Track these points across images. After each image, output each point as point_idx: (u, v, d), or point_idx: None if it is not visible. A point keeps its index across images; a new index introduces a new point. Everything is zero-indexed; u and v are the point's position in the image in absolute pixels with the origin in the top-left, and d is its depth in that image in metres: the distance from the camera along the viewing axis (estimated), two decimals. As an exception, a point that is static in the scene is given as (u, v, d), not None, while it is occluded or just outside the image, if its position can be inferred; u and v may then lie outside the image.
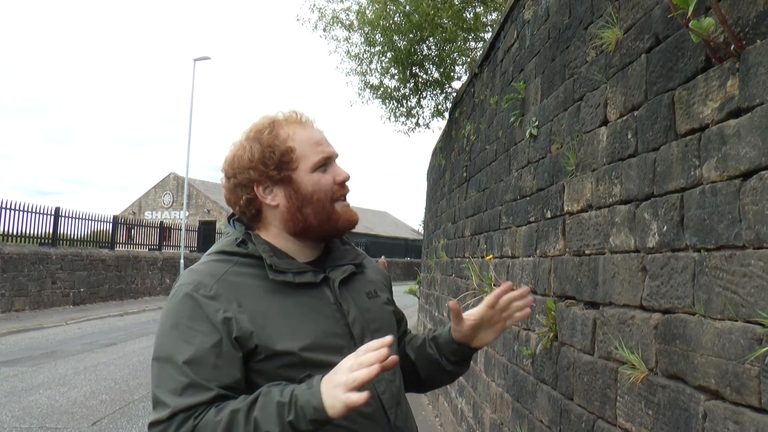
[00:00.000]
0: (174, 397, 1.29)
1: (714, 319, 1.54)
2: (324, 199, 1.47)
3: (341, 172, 1.52)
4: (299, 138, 1.48)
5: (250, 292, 1.39)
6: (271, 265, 1.41)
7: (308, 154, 1.48)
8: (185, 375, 1.30)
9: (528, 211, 3.44)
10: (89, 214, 19.14)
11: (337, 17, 12.26)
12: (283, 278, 1.41)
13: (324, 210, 1.47)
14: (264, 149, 1.46)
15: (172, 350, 1.33)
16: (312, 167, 1.48)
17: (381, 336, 1.47)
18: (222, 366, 1.31)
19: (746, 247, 1.43)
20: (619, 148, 2.22)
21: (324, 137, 1.54)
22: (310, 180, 1.47)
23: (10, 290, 14.98)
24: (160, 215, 39.43)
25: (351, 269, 1.53)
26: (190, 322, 1.34)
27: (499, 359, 3.98)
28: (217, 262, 1.45)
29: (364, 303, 1.52)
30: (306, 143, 1.49)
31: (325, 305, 1.44)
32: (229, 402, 1.29)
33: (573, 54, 2.86)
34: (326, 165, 1.50)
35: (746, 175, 1.45)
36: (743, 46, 1.48)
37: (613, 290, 2.18)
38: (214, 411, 1.27)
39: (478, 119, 5.52)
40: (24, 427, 6.00)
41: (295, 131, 1.49)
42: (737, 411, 1.41)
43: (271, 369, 1.35)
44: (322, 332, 1.40)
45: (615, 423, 2.09)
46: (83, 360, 9.52)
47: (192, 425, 1.26)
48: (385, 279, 1.71)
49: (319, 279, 1.46)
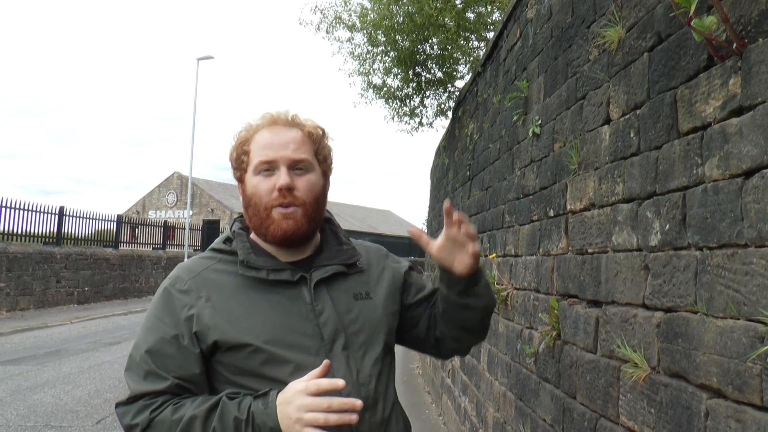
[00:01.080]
0: (135, 383, 1.39)
1: (716, 317, 1.54)
2: (259, 204, 1.47)
3: (282, 178, 1.45)
4: (257, 140, 1.50)
5: (223, 287, 1.44)
6: (243, 260, 1.46)
7: (255, 156, 1.49)
8: (146, 363, 1.39)
9: (531, 210, 3.45)
10: (93, 213, 19.20)
11: (339, 18, 12.25)
12: (254, 274, 1.44)
13: (258, 215, 1.47)
14: (234, 148, 1.53)
15: (141, 338, 1.43)
16: (254, 170, 1.49)
17: (361, 338, 1.48)
18: (179, 358, 1.39)
19: (748, 246, 1.43)
20: (622, 146, 2.22)
21: (281, 141, 1.48)
22: (251, 183, 1.49)
23: (14, 289, 15.03)
24: (164, 214, 39.50)
25: (335, 269, 1.51)
26: (159, 314, 1.44)
27: (502, 358, 3.98)
28: (203, 258, 1.53)
29: (346, 304, 1.49)
30: (258, 144, 1.49)
31: (299, 304, 1.44)
32: (186, 401, 1.36)
33: (575, 53, 2.86)
34: (270, 169, 1.47)
35: (748, 174, 1.45)
36: (745, 44, 1.48)
37: (616, 289, 2.19)
38: (171, 409, 1.34)
39: (481, 118, 5.52)
40: (29, 426, 6.02)
41: (258, 133, 1.51)
42: (739, 409, 1.41)
43: (234, 361, 1.39)
44: (288, 329, 1.41)
45: (617, 421, 2.10)
46: (87, 359, 9.55)
47: (148, 418, 1.34)
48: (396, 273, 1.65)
49: (295, 278, 1.46)
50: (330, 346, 1.42)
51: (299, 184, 1.47)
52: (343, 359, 1.43)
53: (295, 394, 1.30)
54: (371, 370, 1.47)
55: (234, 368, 1.40)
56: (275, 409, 1.30)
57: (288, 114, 1.54)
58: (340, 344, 1.44)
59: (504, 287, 3.92)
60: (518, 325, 3.56)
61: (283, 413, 1.29)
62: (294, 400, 1.29)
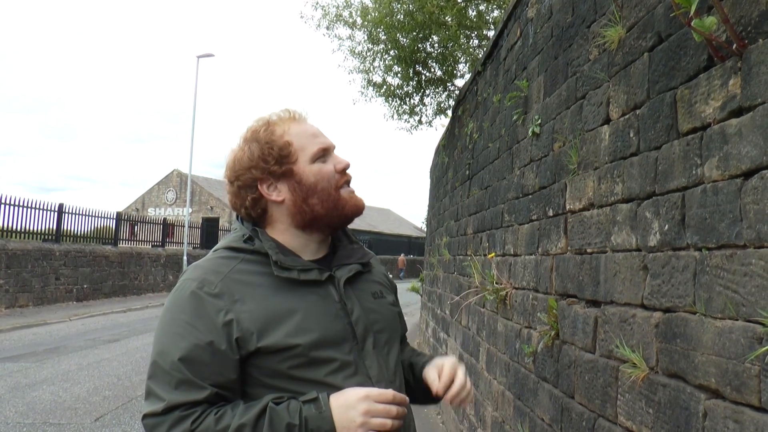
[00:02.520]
0: (168, 392, 1.30)
1: (714, 318, 1.54)
2: (328, 188, 1.48)
3: (341, 160, 1.53)
4: (295, 132, 1.50)
5: (256, 289, 1.39)
6: (277, 261, 1.41)
7: (306, 146, 1.49)
8: (180, 371, 1.30)
9: (530, 209, 3.45)
10: (93, 210, 19.21)
11: (340, 15, 12.25)
12: (288, 275, 1.41)
13: (330, 198, 1.48)
14: (262, 146, 1.47)
15: (170, 344, 1.34)
16: (311, 158, 1.49)
17: (384, 337, 1.51)
18: (216, 365, 1.32)
19: (747, 247, 1.43)
20: (621, 146, 2.22)
21: (319, 130, 1.56)
22: (311, 170, 1.48)
23: (13, 286, 15.03)
24: (164, 212, 39.49)
25: (357, 268, 1.53)
26: (190, 319, 1.35)
27: (500, 357, 3.98)
28: (223, 258, 1.45)
29: (368, 303, 1.52)
30: (302, 136, 1.51)
31: (329, 303, 1.44)
32: (227, 409, 1.30)
33: (576, 52, 2.86)
34: (325, 156, 1.52)
35: (747, 175, 1.45)
36: (745, 45, 1.48)
37: (615, 289, 2.19)
38: (213, 419, 1.28)
39: (480, 117, 5.52)
40: (27, 423, 6.02)
41: (290, 127, 1.51)
42: (737, 410, 1.41)
43: (273, 364, 1.35)
44: (326, 330, 1.40)
45: (616, 421, 2.10)
46: (86, 356, 9.55)
47: (189, 429, 1.27)
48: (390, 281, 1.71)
49: (324, 277, 1.45)
50: (362, 345, 1.44)
51: None
52: (374, 357, 1.45)
53: (362, 399, 1.31)
54: (395, 368, 1.51)
55: (270, 371, 1.35)
56: (330, 413, 1.29)
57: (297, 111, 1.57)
58: (371, 342, 1.46)
59: (503, 286, 3.92)
60: (517, 325, 3.56)
61: (344, 417, 1.29)
62: (359, 405, 1.30)
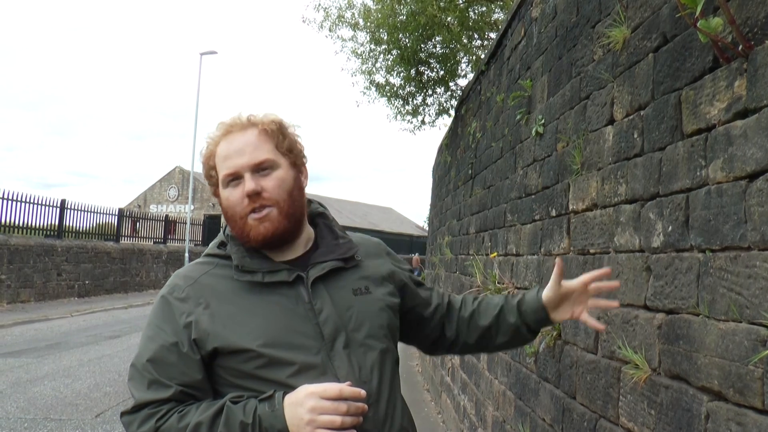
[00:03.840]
0: (140, 391, 1.39)
1: (718, 320, 1.54)
2: (234, 215, 1.46)
3: (247, 185, 1.44)
4: (219, 153, 1.49)
5: (221, 293, 1.44)
6: (238, 265, 1.45)
7: (221, 170, 1.48)
8: (148, 371, 1.39)
9: (533, 209, 3.44)
10: (95, 206, 19.23)
11: (342, 17, 12.25)
12: (250, 278, 1.44)
13: (236, 225, 1.47)
14: (204, 164, 1.53)
15: (142, 348, 1.44)
16: (223, 183, 1.48)
17: (361, 335, 1.46)
18: (181, 366, 1.39)
19: (751, 249, 1.43)
20: (625, 147, 2.21)
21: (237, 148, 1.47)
22: (224, 195, 1.49)
23: (15, 281, 15.05)
24: (166, 209, 39.52)
25: (332, 265, 1.50)
26: (159, 322, 1.44)
27: (502, 357, 3.98)
28: (200, 264, 1.53)
29: (345, 301, 1.48)
30: (221, 158, 1.48)
31: (298, 304, 1.43)
32: (191, 408, 1.36)
33: (580, 52, 2.85)
34: (238, 179, 1.46)
35: (752, 176, 1.44)
36: (751, 46, 1.47)
37: (617, 290, 2.18)
38: (176, 417, 1.35)
39: (484, 116, 5.52)
40: (28, 418, 6.03)
41: (217, 146, 1.50)
42: (740, 412, 1.41)
43: (234, 365, 1.39)
44: (288, 330, 1.40)
45: (617, 422, 2.09)
46: (88, 352, 9.56)
47: (154, 426, 1.35)
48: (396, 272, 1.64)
49: (292, 278, 1.45)
50: (331, 345, 1.42)
51: (267, 185, 1.44)
52: (345, 357, 1.42)
53: (309, 396, 1.31)
54: (373, 367, 1.45)
55: (235, 372, 1.39)
56: (283, 411, 1.31)
57: (241, 116, 1.51)
58: (341, 342, 1.43)
59: (505, 286, 3.91)
60: (519, 325, 3.55)
61: (293, 414, 1.30)
62: (306, 402, 1.30)
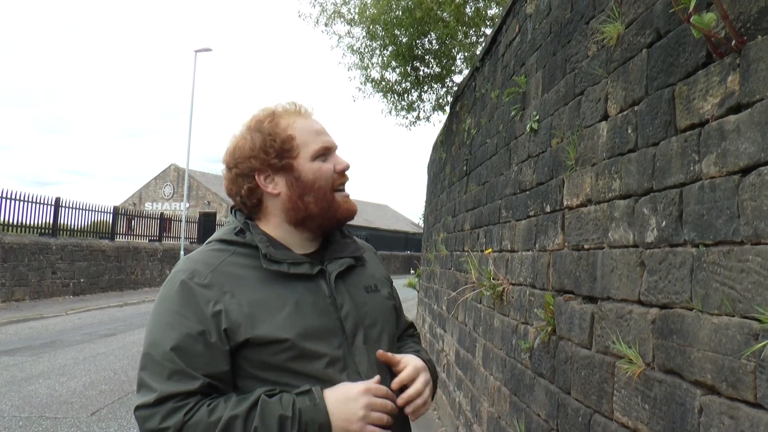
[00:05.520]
0: (160, 383, 1.29)
1: (711, 314, 1.54)
2: (325, 187, 1.48)
3: (341, 161, 1.53)
4: (299, 127, 1.49)
5: (245, 281, 1.40)
6: (266, 254, 1.42)
7: (309, 143, 1.49)
8: (172, 361, 1.30)
9: (527, 205, 3.45)
10: (90, 204, 19.15)
11: (338, 12, 12.23)
12: (277, 268, 1.41)
13: (325, 198, 1.48)
14: (265, 137, 1.46)
15: (161, 335, 1.34)
16: (313, 155, 1.48)
17: (375, 332, 1.49)
18: (209, 356, 1.32)
19: (744, 243, 1.43)
20: (619, 142, 2.22)
21: (323, 127, 1.55)
22: (311, 168, 1.47)
23: (10, 280, 15.00)
24: (161, 206, 39.45)
25: (349, 262, 1.52)
26: (180, 309, 1.35)
27: (497, 353, 3.99)
28: (215, 251, 1.46)
29: (360, 297, 1.51)
30: (306, 132, 1.50)
31: (319, 298, 1.44)
32: (220, 401, 1.30)
33: (574, 48, 2.85)
34: (326, 154, 1.51)
35: (745, 171, 1.45)
36: (744, 41, 1.48)
37: (612, 285, 2.19)
38: (206, 410, 1.27)
39: (478, 113, 5.52)
40: (23, 417, 6.02)
41: (295, 121, 1.50)
42: (733, 406, 1.42)
43: (263, 356, 1.35)
44: (314, 324, 1.39)
45: (612, 417, 2.10)
46: (83, 350, 9.54)
47: (181, 421, 1.26)
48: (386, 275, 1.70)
49: (315, 271, 1.45)
50: (352, 340, 1.43)
51: None
52: (365, 353, 1.44)
53: (362, 393, 1.33)
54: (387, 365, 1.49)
55: (261, 363, 1.35)
56: (325, 405, 1.30)
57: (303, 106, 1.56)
58: (361, 338, 1.45)
59: (500, 282, 3.92)
60: (513, 321, 3.56)
61: (345, 409, 1.31)
62: (360, 399, 1.32)
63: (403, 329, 1.76)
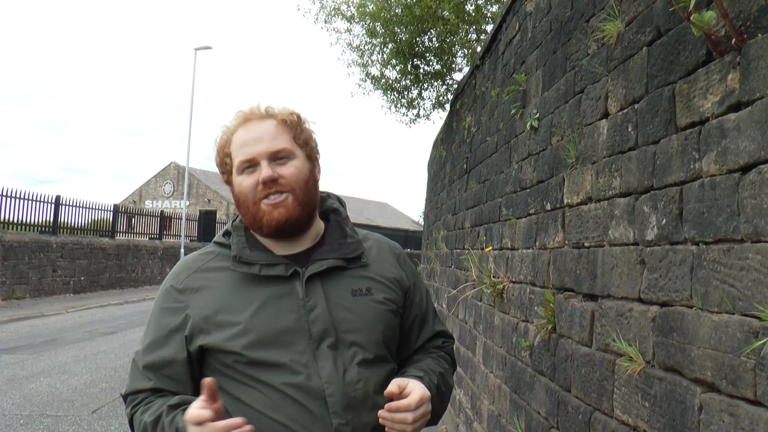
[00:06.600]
0: (129, 379, 1.50)
1: (711, 312, 1.55)
2: (247, 201, 1.47)
3: (264, 171, 1.44)
4: (235, 140, 1.50)
5: (216, 286, 1.46)
6: (236, 256, 1.46)
7: (236, 157, 1.49)
8: (140, 361, 1.48)
9: (528, 203, 3.45)
10: (90, 202, 19.16)
11: (338, 8, 12.22)
12: (247, 270, 1.44)
13: (248, 211, 1.48)
14: (217, 151, 1.55)
15: (143, 336, 1.52)
16: (237, 170, 1.49)
17: (352, 337, 1.43)
18: (169, 359, 1.45)
19: (744, 241, 1.43)
20: (620, 140, 2.22)
21: (255, 136, 1.47)
22: (237, 182, 1.50)
23: (10, 278, 15.01)
24: (161, 204, 39.43)
25: (331, 264, 1.48)
26: (157, 312, 1.50)
27: (497, 351, 3.99)
28: (204, 253, 1.55)
29: (342, 300, 1.46)
30: (238, 146, 1.49)
31: (291, 300, 1.43)
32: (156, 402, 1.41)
33: (574, 46, 2.85)
34: (252, 166, 1.47)
35: (745, 169, 1.45)
36: (744, 39, 1.48)
37: (612, 283, 2.19)
38: (142, 409, 1.43)
39: (479, 111, 5.52)
40: (24, 415, 6.03)
41: (234, 134, 1.51)
42: (732, 403, 1.42)
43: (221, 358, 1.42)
44: (275, 327, 1.40)
45: (612, 415, 2.11)
46: (83, 348, 9.55)
47: (130, 413, 1.46)
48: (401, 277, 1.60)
49: (288, 273, 1.44)
50: (317, 344, 1.40)
51: (284, 172, 1.46)
52: (329, 358, 1.40)
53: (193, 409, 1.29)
54: (361, 371, 1.42)
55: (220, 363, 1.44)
56: None
57: (260, 107, 1.52)
58: (329, 342, 1.41)
59: (500, 280, 3.92)
60: (514, 318, 3.57)
61: None
62: None
63: (427, 338, 1.67)
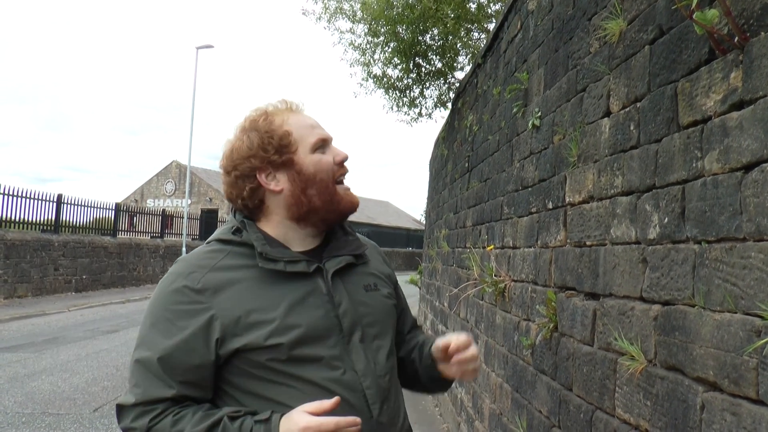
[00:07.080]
0: (137, 386, 1.34)
1: (713, 311, 1.55)
2: (327, 179, 1.48)
3: (339, 151, 1.53)
4: (294, 123, 1.50)
5: (240, 283, 1.39)
6: (262, 252, 1.41)
7: (305, 136, 1.49)
8: (153, 366, 1.33)
9: (529, 202, 3.45)
10: (92, 201, 19.16)
11: (340, 8, 12.20)
12: (273, 267, 1.40)
13: (327, 190, 1.47)
14: (262, 135, 1.46)
15: (148, 340, 1.37)
16: (311, 148, 1.48)
17: (374, 330, 1.48)
18: (193, 366, 1.34)
19: (747, 240, 1.43)
20: (622, 139, 2.22)
21: (317, 121, 1.56)
22: (311, 160, 1.47)
23: (12, 276, 15.02)
24: (163, 203, 39.46)
25: (348, 260, 1.51)
26: (171, 316, 1.36)
27: (499, 349, 3.99)
28: (211, 251, 1.45)
29: (359, 296, 1.49)
30: (301, 127, 1.50)
31: (316, 296, 1.43)
32: (188, 412, 1.32)
33: (576, 45, 2.85)
34: (324, 146, 1.51)
35: (748, 168, 1.45)
36: (747, 38, 1.47)
37: (614, 281, 2.19)
38: (171, 420, 1.30)
39: (480, 110, 5.51)
40: (26, 413, 6.04)
41: (288, 117, 1.50)
42: (735, 402, 1.42)
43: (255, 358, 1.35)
44: (310, 324, 1.39)
45: (613, 414, 2.11)
46: (85, 346, 9.56)
47: (147, 426, 1.30)
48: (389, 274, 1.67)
49: (311, 269, 1.44)
50: (348, 338, 1.42)
51: None
52: (361, 351, 1.43)
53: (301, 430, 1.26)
54: (386, 363, 1.48)
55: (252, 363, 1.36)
56: None
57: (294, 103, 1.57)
58: (358, 336, 1.44)
59: (501, 279, 3.92)
60: (515, 317, 3.56)
61: None
62: (300, 421, 1.26)
63: (410, 326, 1.77)
